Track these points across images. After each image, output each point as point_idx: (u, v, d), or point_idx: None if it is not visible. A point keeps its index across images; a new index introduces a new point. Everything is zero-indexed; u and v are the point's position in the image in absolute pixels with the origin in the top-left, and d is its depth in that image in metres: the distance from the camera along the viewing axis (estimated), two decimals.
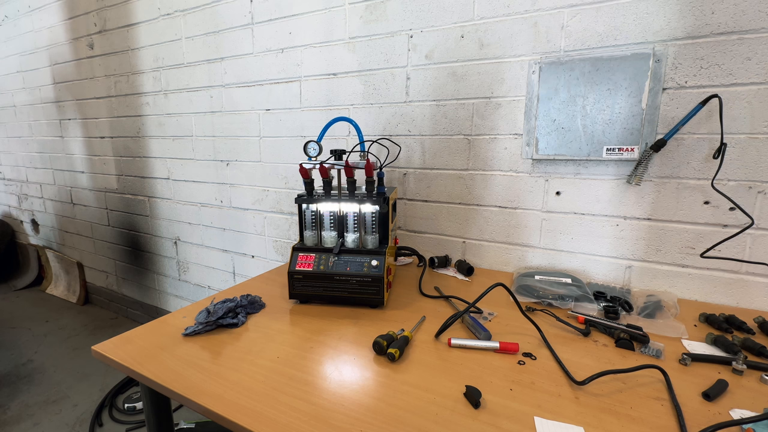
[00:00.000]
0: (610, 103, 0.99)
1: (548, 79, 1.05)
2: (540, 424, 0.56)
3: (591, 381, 0.64)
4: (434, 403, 0.61)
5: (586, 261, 1.12)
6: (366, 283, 0.92)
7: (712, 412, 0.59)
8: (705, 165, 0.95)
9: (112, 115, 2.18)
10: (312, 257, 0.95)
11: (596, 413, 0.58)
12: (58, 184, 2.69)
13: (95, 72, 2.18)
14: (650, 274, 1.05)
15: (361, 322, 0.87)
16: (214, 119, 1.77)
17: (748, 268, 0.95)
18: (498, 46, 1.12)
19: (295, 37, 1.46)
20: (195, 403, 0.61)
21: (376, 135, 1.36)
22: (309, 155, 0.99)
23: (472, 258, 1.28)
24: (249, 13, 1.54)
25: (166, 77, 1.88)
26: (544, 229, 1.16)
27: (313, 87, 1.46)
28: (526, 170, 1.15)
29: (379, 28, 1.29)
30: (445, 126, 1.24)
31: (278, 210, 1.67)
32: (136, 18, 1.91)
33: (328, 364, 0.72)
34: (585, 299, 0.94)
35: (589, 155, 1.04)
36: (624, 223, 1.05)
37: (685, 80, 0.94)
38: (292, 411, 0.59)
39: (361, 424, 0.56)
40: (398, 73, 1.28)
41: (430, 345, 0.78)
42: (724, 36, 0.89)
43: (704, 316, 0.88)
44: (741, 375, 0.68)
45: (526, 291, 0.99)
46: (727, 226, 0.95)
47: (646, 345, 0.76)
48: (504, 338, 0.78)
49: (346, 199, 0.97)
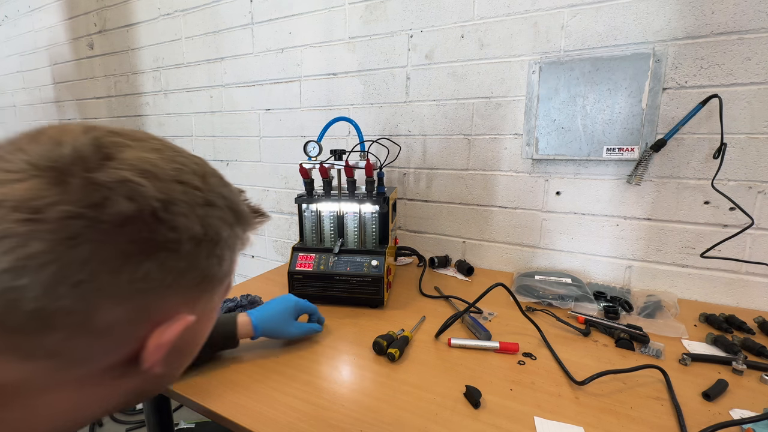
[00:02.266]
0: (610, 103, 0.99)
1: (548, 79, 1.05)
2: (540, 424, 0.56)
3: (591, 381, 0.64)
4: (434, 403, 0.61)
5: (586, 261, 1.12)
6: (366, 283, 0.92)
7: (712, 412, 0.59)
8: (705, 165, 0.95)
9: (112, 115, 2.18)
10: (312, 257, 0.95)
11: (596, 413, 0.58)
12: None
13: (95, 72, 2.18)
14: (650, 274, 1.05)
15: (361, 322, 0.87)
16: (214, 119, 1.77)
17: (748, 268, 0.95)
18: (498, 46, 1.12)
19: (295, 37, 1.46)
20: (195, 403, 0.61)
21: (376, 135, 1.36)
22: (309, 155, 0.99)
23: (472, 258, 1.28)
24: (249, 12, 1.54)
25: (166, 77, 1.88)
26: (544, 229, 1.16)
27: (313, 87, 1.46)
28: (526, 170, 1.15)
29: (379, 28, 1.29)
30: (445, 126, 1.24)
31: (278, 210, 1.67)
32: (136, 18, 1.91)
33: (328, 364, 0.72)
34: (585, 299, 0.94)
35: (589, 155, 1.04)
36: (624, 223, 1.05)
37: (685, 80, 0.94)
38: (292, 411, 0.59)
39: (361, 424, 0.56)
40: (398, 73, 1.29)
41: (430, 345, 0.78)
42: (724, 36, 0.89)
43: (704, 316, 0.88)
44: (741, 375, 0.68)
45: (526, 291, 0.99)
46: (727, 226, 0.95)
47: (646, 345, 0.76)
48: (504, 338, 0.78)
49: (346, 199, 0.97)
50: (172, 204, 0.27)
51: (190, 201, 0.28)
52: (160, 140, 0.30)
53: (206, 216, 0.29)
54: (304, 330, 0.78)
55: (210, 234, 0.29)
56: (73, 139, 0.26)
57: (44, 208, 0.23)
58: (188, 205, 0.28)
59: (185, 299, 0.30)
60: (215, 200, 0.30)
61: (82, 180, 0.24)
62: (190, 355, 0.36)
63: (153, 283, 0.27)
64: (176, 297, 0.29)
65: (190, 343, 0.35)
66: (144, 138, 0.29)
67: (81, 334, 0.25)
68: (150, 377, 0.31)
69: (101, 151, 0.26)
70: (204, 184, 0.30)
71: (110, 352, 0.27)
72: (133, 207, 0.25)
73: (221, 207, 0.31)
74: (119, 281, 0.25)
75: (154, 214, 0.26)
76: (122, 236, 0.25)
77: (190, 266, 0.29)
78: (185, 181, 0.28)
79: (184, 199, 0.28)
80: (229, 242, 0.32)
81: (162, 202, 0.26)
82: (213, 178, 0.32)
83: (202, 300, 0.32)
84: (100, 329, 0.26)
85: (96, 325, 0.25)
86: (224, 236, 0.31)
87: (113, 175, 0.25)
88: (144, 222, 0.25)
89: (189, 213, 0.28)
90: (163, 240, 0.26)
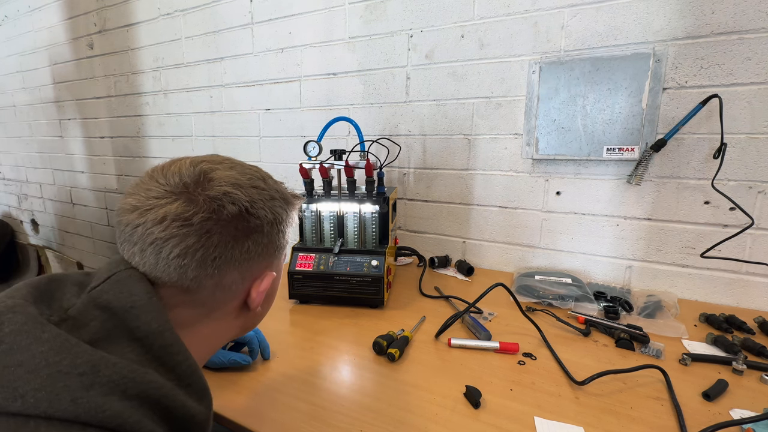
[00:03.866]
0: (611, 102, 0.99)
1: (548, 78, 1.05)
2: (540, 424, 0.56)
3: (591, 381, 0.64)
4: (434, 403, 0.61)
5: (586, 261, 1.12)
6: (366, 283, 0.91)
7: (712, 412, 0.59)
8: (705, 165, 0.95)
9: (112, 115, 2.18)
10: (312, 257, 0.95)
11: (596, 413, 0.58)
12: (58, 184, 2.69)
13: (95, 72, 2.18)
14: (650, 274, 1.05)
15: (361, 322, 0.87)
16: (214, 119, 1.77)
17: (748, 268, 0.95)
18: (498, 45, 1.12)
19: (294, 36, 1.46)
20: None
21: (376, 135, 1.36)
22: (309, 155, 0.99)
23: (472, 258, 1.28)
24: (249, 12, 1.54)
25: (166, 77, 1.88)
26: (544, 229, 1.16)
27: (313, 87, 1.46)
28: (527, 170, 1.15)
29: (379, 27, 1.29)
30: (445, 126, 1.24)
31: None
32: (136, 18, 1.91)
33: (328, 364, 0.72)
34: (585, 299, 0.94)
35: (589, 155, 1.04)
36: (624, 223, 1.05)
37: (685, 80, 0.94)
38: (292, 411, 0.59)
39: (361, 424, 0.56)
40: (398, 73, 1.28)
41: (430, 345, 0.78)
42: (724, 36, 0.89)
43: (704, 316, 0.88)
44: (741, 375, 0.68)
45: (527, 291, 0.99)
46: (727, 226, 0.95)
47: (646, 345, 0.76)
48: (504, 338, 0.78)
49: (346, 199, 0.97)
50: (255, 202, 0.42)
51: (262, 198, 0.43)
52: (231, 159, 0.45)
53: (273, 207, 0.44)
54: (226, 360, 0.68)
55: (277, 218, 0.45)
56: (186, 169, 0.41)
57: (191, 217, 0.38)
58: (262, 201, 0.43)
59: (269, 263, 0.46)
60: (274, 194, 0.45)
61: (204, 197, 0.39)
62: (272, 302, 0.54)
63: (252, 254, 0.42)
64: (265, 261, 0.45)
65: (272, 293, 0.52)
66: (222, 161, 0.44)
67: (217, 291, 0.41)
68: (252, 315, 0.49)
69: (203, 176, 0.40)
70: (266, 184, 0.45)
71: (233, 300, 0.44)
72: (235, 209, 0.40)
73: (278, 198, 0.46)
74: (234, 254, 0.41)
75: (247, 210, 0.41)
76: (232, 227, 0.40)
77: (270, 241, 0.45)
78: (257, 186, 0.43)
79: (260, 198, 0.43)
80: (287, 221, 0.47)
81: (249, 203, 0.41)
82: (269, 179, 0.47)
83: (276, 262, 0.48)
84: (227, 286, 0.42)
85: (225, 284, 0.41)
86: (284, 218, 0.46)
87: (219, 191, 0.40)
88: (242, 216, 0.41)
89: (264, 206, 0.43)
90: (254, 226, 0.42)
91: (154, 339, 0.35)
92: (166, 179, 0.39)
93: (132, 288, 0.36)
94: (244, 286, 0.44)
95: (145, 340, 0.35)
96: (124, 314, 0.35)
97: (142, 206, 0.38)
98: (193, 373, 0.36)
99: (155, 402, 0.32)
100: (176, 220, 0.37)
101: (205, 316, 0.42)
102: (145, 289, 0.37)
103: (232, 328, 0.47)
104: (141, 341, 0.35)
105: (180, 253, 0.37)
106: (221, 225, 0.39)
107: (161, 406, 0.32)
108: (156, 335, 0.35)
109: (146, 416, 0.30)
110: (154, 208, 0.38)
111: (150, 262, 0.38)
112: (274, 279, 0.48)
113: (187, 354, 0.36)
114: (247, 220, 0.41)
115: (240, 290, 0.44)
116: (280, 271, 0.52)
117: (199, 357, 0.41)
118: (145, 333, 0.35)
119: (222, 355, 0.69)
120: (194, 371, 0.36)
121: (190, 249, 0.37)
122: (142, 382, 0.31)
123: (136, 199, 0.39)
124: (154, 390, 0.32)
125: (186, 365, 0.36)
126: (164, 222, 0.37)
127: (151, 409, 0.31)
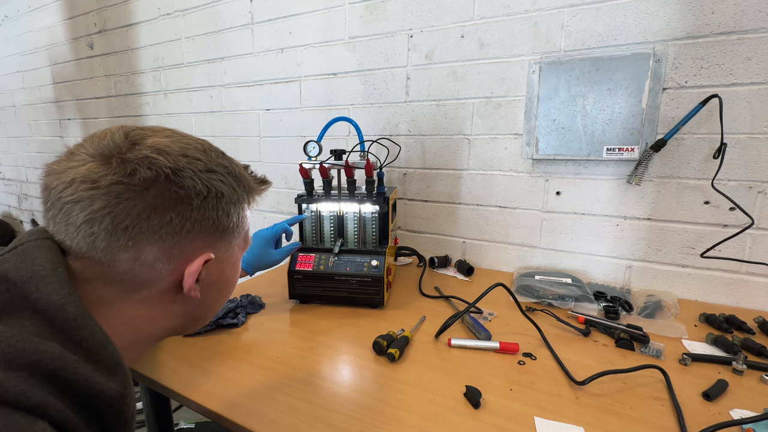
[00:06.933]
0: (610, 102, 0.99)
1: (548, 78, 1.05)
2: (540, 424, 0.56)
3: (591, 381, 0.64)
4: (434, 403, 0.61)
5: (586, 261, 1.12)
6: (366, 283, 0.92)
7: (712, 412, 0.59)
8: (705, 165, 0.95)
9: (112, 115, 2.18)
10: (312, 257, 0.95)
11: (596, 413, 0.58)
12: None
13: (95, 72, 2.18)
14: (650, 274, 1.05)
15: (361, 322, 0.87)
16: (214, 119, 1.77)
17: (748, 268, 0.95)
18: (498, 46, 1.12)
19: (294, 36, 1.46)
20: (195, 403, 0.61)
21: (376, 135, 1.36)
22: (309, 155, 0.99)
23: (472, 258, 1.28)
24: (249, 12, 1.54)
25: (166, 77, 1.88)
26: (544, 229, 1.16)
27: (313, 87, 1.46)
28: (526, 170, 1.15)
29: (379, 27, 1.29)
30: (445, 126, 1.24)
31: (278, 210, 1.67)
32: (136, 18, 1.91)
33: (328, 364, 0.72)
34: (585, 299, 0.94)
35: (589, 155, 1.04)
36: (624, 223, 1.05)
37: (685, 80, 0.94)
38: (292, 411, 0.59)
39: (361, 424, 0.56)
40: (398, 73, 1.28)
41: (430, 345, 0.78)
42: (724, 36, 0.89)
43: (704, 316, 0.88)
44: (741, 375, 0.68)
45: (526, 291, 0.99)
46: (727, 226, 0.95)
47: (646, 345, 0.76)
48: (504, 338, 0.78)
49: (346, 199, 0.97)
50: (180, 170, 0.38)
51: (194, 168, 0.39)
52: (173, 130, 0.42)
53: (208, 179, 0.40)
54: (283, 252, 0.91)
55: (214, 192, 0.40)
56: (112, 134, 0.38)
57: (98, 180, 0.35)
58: (192, 171, 0.39)
59: (205, 242, 0.41)
60: (215, 168, 0.41)
61: (119, 159, 0.36)
62: (223, 292, 0.48)
63: (176, 228, 0.38)
64: (198, 239, 0.41)
65: (217, 279, 0.45)
66: (161, 130, 0.41)
67: (137, 267, 0.37)
68: (193, 304, 0.44)
69: (129, 140, 0.38)
70: (205, 156, 0.41)
71: (159, 279, 0.39)
72: (151, 173, 0.36)
73: (221, 173, 0.41)
74: (152, 225, 0.37)
75: (167, 177, 0.37)
76: (149, 194, 0.36)
77: (202, 216, 0.40)
78: (189, 155, 0.39)
79: (189, 167, 0.39)
80: (232, 199, 0.43)
81: (171, 170, 0.37)
82: (213, 152, 0.42)
83: (220, 245, 0.44)
84: (148, 263, 0.38)
85: (145, 260, 0.38)
86: (226, 194, 0.42)
87: (137, 154, 0.36)
88: (161, 184, 0.37)
89: (193, 176, 0.39)
90: (176, 196, 0.38)
91: (57, 312, 0.33)
92: (93, 144, 0.37)
93: (36, 258, 0.34)
94: (172, 265, 0.39)
95: (46, 313, 0.33)
96: (22, 285, 0.33)
97: (59, 169, 0.36)
98: (103, 348, 0.34)
99: (50, 373, 0.30)
100: (84, 182, 0.35)
101: (125, 294, 0.38)
102: (50, 259, 0.35)
103: (172, 316, 0.43)
104: (42, 314, 0.33)
105: (86, 218, 0.35)
106: (134, 191, 0.35)
107: (59, 379, 0.31)
108: (57, 308, 0.33)
109: (38, 387, 0.29)
110: (66, 170, 0.36)
111: (61, 229, 0.36)
112: (215, 264, 0.43)
113: (94, 329, 0.34)
114: (168, 189, 0.37)
115: (166, 270, 0.39)
116: (233, 262, 0.47)
117: (126, 343, 0.39)
118: (45, 305, 0.33)
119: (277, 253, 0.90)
120: (105, 346, 0.34)
121: (96, 214, 0.35)
122: (34, 353, 0.30)
123: (58, 164, 0.37)
124: (49, 361, 0.30)
125: (93, 340, 0.34)
126: (73, 185, 0.35)
127: (46, 380, 0.30)
